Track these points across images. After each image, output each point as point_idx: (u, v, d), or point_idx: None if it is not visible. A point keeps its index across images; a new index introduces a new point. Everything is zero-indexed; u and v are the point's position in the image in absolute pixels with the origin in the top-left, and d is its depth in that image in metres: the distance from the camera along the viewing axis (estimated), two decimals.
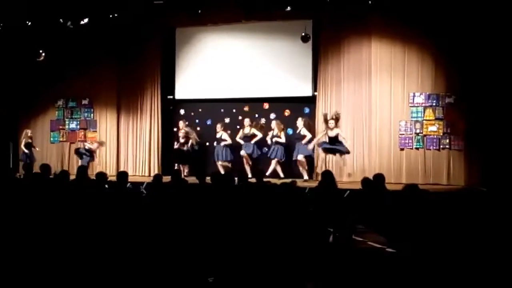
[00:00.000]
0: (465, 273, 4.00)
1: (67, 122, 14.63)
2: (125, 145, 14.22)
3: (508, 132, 10.68)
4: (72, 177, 8.33)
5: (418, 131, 11.78)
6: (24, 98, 14.59)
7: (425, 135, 11.73)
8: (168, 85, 13.98)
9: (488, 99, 10.95)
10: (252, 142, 12.44)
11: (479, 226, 4.75)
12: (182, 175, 11.48)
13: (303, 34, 11.98)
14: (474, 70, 11.10)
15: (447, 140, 11.58)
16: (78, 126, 14.53)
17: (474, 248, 4.32)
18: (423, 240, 4.62)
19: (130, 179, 8.56)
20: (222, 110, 13.65)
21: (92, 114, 14.47)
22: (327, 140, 11.49)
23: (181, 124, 13.18)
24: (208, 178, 8.03)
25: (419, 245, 4.60)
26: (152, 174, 13.05)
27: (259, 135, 12.46)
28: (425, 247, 4.50)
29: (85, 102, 14.49)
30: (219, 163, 12.68)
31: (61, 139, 14.66)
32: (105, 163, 14.04)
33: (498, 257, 4.13)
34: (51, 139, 14.74)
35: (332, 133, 11.41)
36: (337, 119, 11.52)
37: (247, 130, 12.59)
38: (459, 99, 11.45)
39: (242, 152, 12.42)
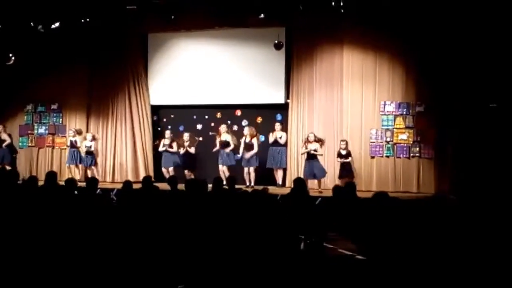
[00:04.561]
0: (435, 279, 4.04)
1: (36, 127, 14.39)
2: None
3: (477, 141, 10.85)
4: (41, 183, 8.19)
5: (388, 139, 11.89)
6: None
7: (395, 143, 11.85)
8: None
9: (458, 108, 11.13)
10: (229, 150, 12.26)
11: (448, 233, 4.80)
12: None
13: (276, 41, 12.02)
14: (444, 79, 11.28)
15: (417, 149, 11.72)
16: (46, 131, 14.31)
17: (443, 255, 4.37)
18: (393, 247, 4.65)
19: (99, 185, 8.46)
20: (194, 117, 13.59)
21: (61, 119, 14.26)
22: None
23: (186, 136, 12.76)
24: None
25: (389, 252, 4.63)
26: (122, 181, 12.99)
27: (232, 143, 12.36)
28: (395, 254, 4.53)
29: (54, 107, 14.28)
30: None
31: (30, 144, 14.42)
32: (74, 169, 13.81)
33: (467, 263, 4.18)
34: (20, 144, 14.47)
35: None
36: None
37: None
38: (429, 108, 11.62)
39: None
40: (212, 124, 13.26)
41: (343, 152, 11.50)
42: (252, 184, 11.87)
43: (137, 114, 13.73)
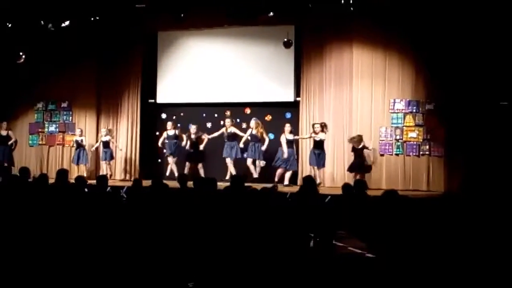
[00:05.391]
0: (445, 277, 4.03)
1: (46, 125, 14.46)
2: None
3: (487, 139, 10.80)
4: (51, 180, 8.24)
5: (398, 137, 11.85)
6: (3, 100, 14.39)
7: (405, 141, 11.80)
8: (150, 89, 13.90)
9: (468, 106, 11.07)
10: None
11: (458, 232, 4.79)
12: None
13: (285, 39, 12.00)
14: (454, 77, 11.21)
15: (427, 147, 11.67)
16: (57, 129, 14.38)
17: (453, 253, 4.36)
18: (402, 245, 4.64)
19: (110, 183, 8.51)
20: (204, 115, 13.61)
21: (70, 117, 14.32)
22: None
23: (193, 128, 12.81)
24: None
25: (399, 250, 4.62)
26: (131, 178, 13.04)
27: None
28: (405, 253, 4.52)
29: (64, 105, 14.34)
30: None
31: (40, 142, 14.49)
32: (81, 168, 13.83)
33: (478, 262, 4.17)
34: (30, 142, 14.56)
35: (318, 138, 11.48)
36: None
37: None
38: (439, 105, 11.56)
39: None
40: (222, 122, 13.24)
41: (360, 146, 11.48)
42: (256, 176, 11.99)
43: (135, 112, 13.82)
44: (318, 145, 11.48)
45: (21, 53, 13.15)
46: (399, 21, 11.59)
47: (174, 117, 13.74)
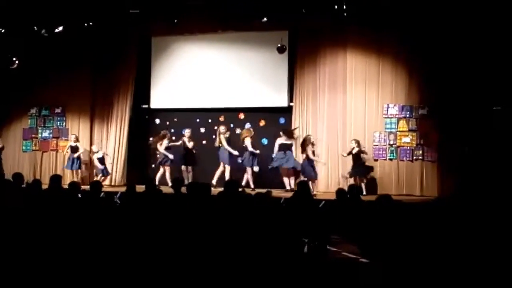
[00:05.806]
0: (438, 281, 4.04)
1: (40, 131, 14.42)
2: None
3: (480, 143, 10.84)
4: (45, 186, 8.21)
5: (391, 142, 11.87)
6: None
7: (398, 146, 11.83)
8: (144, 94, 13.89)
9: (461, 111, 11.12)
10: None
11: (452, 236, 4.80)
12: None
13: (279, 45, 12.02)
14: (447, 81, 11.27)
15: (420, 151, 11.70)
16: (51, 135, 14.33)
17: (447, 258, 4.37)
18: (396, 250, 4.65)
19: (104, 188, 8.48)
20: (197, 120, 13.60)
21: (64, 123, 14.27)
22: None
23: (186, 132, 12.79)
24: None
25: (393, 255, 4.63)
26: (116, 183, 13.24)
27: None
28: (398, 257, 4.53)
29: (58, 110, 14.30)
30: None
31: (34, 147, 14.44)
32: (73, 174, 13.76)
33: (471, 266, 4.18)
34: (23, 147, 14.51)
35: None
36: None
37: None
38: (432, 110, 11.60)
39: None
40: (215, 128, 13.23)
41: (355, 151, 11.52)
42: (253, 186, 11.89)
43: (125, 118, 13.77)
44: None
45: (14, 59, 13.10)
46: (392, 26, 11.63)
47: (167, 123, 13.75)
